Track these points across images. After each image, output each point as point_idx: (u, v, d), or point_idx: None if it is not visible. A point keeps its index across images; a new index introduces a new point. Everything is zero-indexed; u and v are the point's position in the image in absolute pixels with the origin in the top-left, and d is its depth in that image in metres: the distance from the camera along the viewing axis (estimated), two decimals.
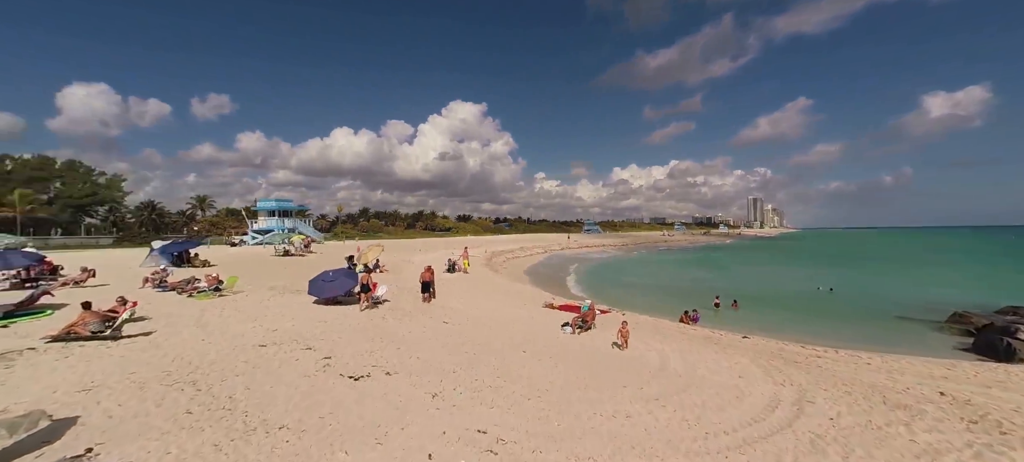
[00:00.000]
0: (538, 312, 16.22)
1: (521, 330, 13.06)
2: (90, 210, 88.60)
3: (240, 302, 14.59)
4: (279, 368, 8.34)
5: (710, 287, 31.50)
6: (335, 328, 11.92)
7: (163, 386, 7.15)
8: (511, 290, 22.30)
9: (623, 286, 31.32)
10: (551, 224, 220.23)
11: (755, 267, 48.88)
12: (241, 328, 11.33)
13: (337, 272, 15.49)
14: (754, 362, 10.50)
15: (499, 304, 17.65)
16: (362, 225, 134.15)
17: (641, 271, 43.45)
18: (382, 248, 26.33)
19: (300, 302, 15.04)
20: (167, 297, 14.83)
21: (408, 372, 8.59)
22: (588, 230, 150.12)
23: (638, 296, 26.41)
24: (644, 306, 22.32)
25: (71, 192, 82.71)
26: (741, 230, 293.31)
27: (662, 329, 14.77)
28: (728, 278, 37.98)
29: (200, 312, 12.86)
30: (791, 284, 33.69)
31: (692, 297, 26.27)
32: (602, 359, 10.33)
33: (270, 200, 48.83)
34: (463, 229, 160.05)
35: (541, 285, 28.46)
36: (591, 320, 13.21)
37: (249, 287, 17.70)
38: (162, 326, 11.12)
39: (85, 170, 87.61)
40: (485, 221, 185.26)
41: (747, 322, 19.11)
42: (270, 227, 46.27)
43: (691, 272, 42.84)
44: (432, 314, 14.75)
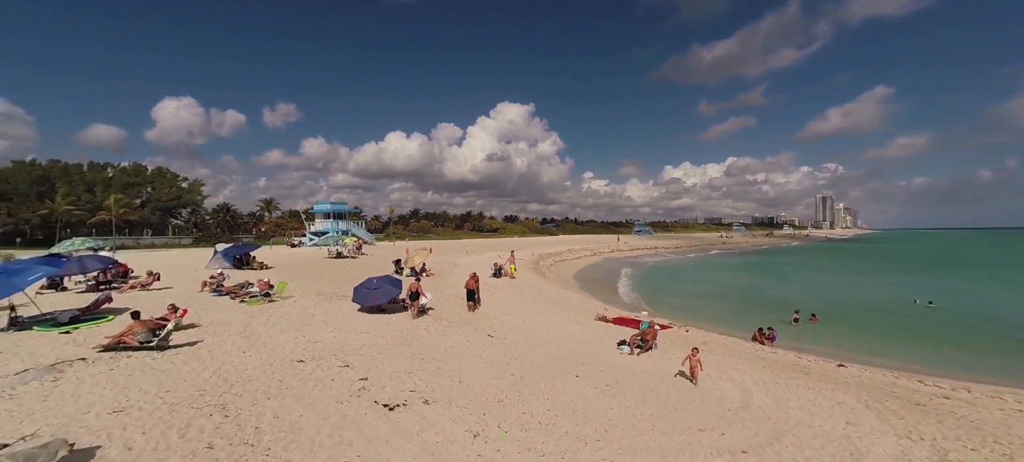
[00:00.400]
0: (590, 326, 14.89)
1: (572, 348, 11.85)
2: (175, 212, 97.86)
3: (287, 309, 14.55)
4: (312, 391, 7.76)
5: (780, 296, 28.46)
6: (376, 340, 11.38)
7: (193, 409, 6.74)
8: (560, 298, 21.06)
9: (681, 294, 28.99)
10: (599, 225, 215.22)
11: (830, 274, 43.92)
12: (283, 339, 11.06)
13: (380, 280, 15.10)
14: (862, 402, 8.60)
15: (547, 315, 16.50)
16: (412, 226, 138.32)
17: (699, 277, 40.40)
18: (429, 251, 26.07)
19: (344, 310, 14.78)
20: (221, 302, 15.13)
21: (448, 399, 7.71)
22: (639, 231, 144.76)
23: (699, 307, 24.14)
24: (707, 318, 20.23)
25: (160, 196, 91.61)
26: (809, 231, 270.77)
27: (734, 351, 12.93)
28: (800, 285, 34.25)
29: (248, 319, 12.85)
30: (878, 294, 29.67)
31: (761, 308, 23.68)
32: (669, 391, 8.90)
33: (326, 203, 50.92)
34: (510, 230, 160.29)
35: (591, 292, 26.94)
36: (652, 339, 11.73)
37: (298, 292, 17.85)
38: (209, 335, 11.08)
39: (171, 176, 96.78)
40: (532, 222, 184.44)
41: (834, 342, 16.60)
42: (326, 229, 48.18)
43: (755, 278, 39.21)
44: (476, 325, 13.92)
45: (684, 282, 35.78)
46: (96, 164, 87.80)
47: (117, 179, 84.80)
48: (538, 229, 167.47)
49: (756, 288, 32.56)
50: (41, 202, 63.70)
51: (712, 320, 19.94)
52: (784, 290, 31.47)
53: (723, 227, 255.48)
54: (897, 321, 20.91)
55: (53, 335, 10.31)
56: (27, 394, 7.07)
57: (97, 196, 79.67)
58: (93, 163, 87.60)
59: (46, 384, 7.48)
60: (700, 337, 14.49)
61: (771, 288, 32.53)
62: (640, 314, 17.87)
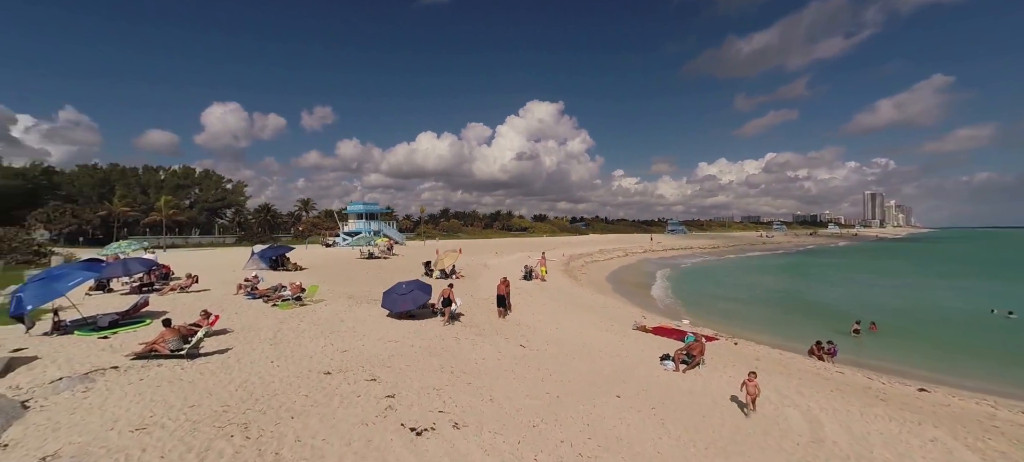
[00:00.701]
0: (628, 336, 13.98)
1: (611, 362, 11.02)
2: (220, 212, 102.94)
3: (317, 313, 14.43)
4: (338, 409, 7.35)
5: (831, 301, 26.36)
6: (404, 350, 10.96)
7: (214, 428, 6.44)
8: (594, 304, 20.16)
9: (723, 299, 27.34)
10: (630, 223, 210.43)
11: (886, 277, 40.51)
12: (311, 347, 10.82)
13: (410, 284, 14.74)
14: (959, 439, 7.37)
15: (581, 323, 15.69)
16: (442, 225, 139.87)
17: (740, 280, 38.22)
18: (459, 253, 25.73)
19: (374, 315, 14.52)
20: (254, 305, 15.22)
21: (479, 423, 7.11)
22: (672, 230, 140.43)
23: (744, 314, 22.57)
24: (755, 328, 18.81)
25: (206, 197, 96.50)
26: (857, 230, 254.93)
27: (792, 368, 11.71)
28: (852, 290, 31.72)
29: (278, 325, 12.76)
30: (945, 301, 26.94)
31: (813, 316, 21.90)
32: (724, 418, 7.96)
33: (359, 204, 51.89)
34: (539, 229, 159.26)
35: (626, 296, 25.83)
36: (699, 355, 10.72)
37: (329, 295, 17.82)
38: (239, 341, 10.99)
39: (216, 178, 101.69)
40: (561, 221, 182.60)
41: (901, 358, 14.95)
42: (359, 229, 49.06)
43: (802, 281, 36.67)
44: (508, 334, 13.30)
45: (724, 286, 33.89)
46: (150, 167, 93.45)
47: (168, 181, 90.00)
48: (567, 228, 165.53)
49: (804, 292, 30.39)
50: (101, 204, 68.18)
51: (760, 329, 18.52)
52: (835, 295, 29.25)
53: (762, 226, 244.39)
54: (973, 334, 18.77)
55: (92, 340, 10.47)
56: (58, 406, 7.00)
57: (150, 197, 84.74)
58: (147, 166, 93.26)
59: (77, 394, 7.42)
60: (751, 351, 13.31)
61: (820, 293, 30.30)
62: (681, 323, 16.77)
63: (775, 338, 16.83)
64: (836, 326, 19.05)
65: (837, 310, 23.57)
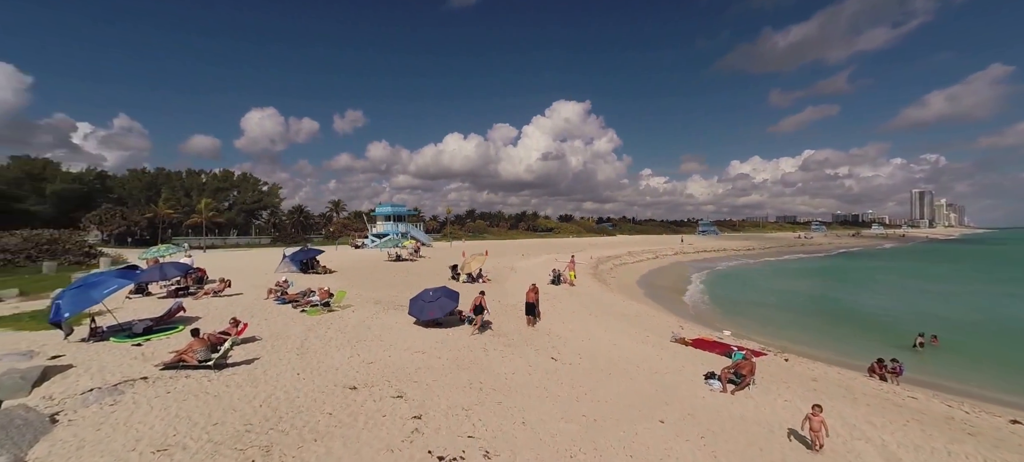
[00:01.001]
0: (666, 349, 13.11)
1: (650, 380, 10.25)
2: (257, 213, 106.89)
3: (345, 320, 14.26)
4: (362, 431, 6.95)
5: (882, 309, 24.34)
6: (431, 362, 10.55)
7: (235, 451, 6.14)
8: (627, 311, 19.28)
9: (763, 306, 25.75)
10: (659, 224, 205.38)
11: (940, 282, 37.36)
12: (338, 357, 10.56)
13: (437, 291, 14.37)
14: None
15: (615, 332, 14.90)
16: (468, 226, 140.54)
17: (780, 284, 36.11)
18: (486, 255, 25.31)
19: (401, 323, 14.22)
20: (283, 311, 15.22)
21: (511, 452, 6.55)
22: (703, 231, 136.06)
23: (789, 323, 21.08)
24: (804, 340, 17.49)
25: (244, 199, 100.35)
26: (904, 230, 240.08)
27: (856, 390, 10.58)
28: (903, 296, 29.36)
29: (305, 332, 12.62)
30: (1009, 312, 24.19)
31: (865, 326, 20.24)
32: (785, 453, 7.09)
33: (387, 205, 52.46)
34: (565, 230, 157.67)
35: (660, 303, 24.73)
36: (749, 374, 9.79)
37: (356, 300, 17.71)
38: (267, 350, 10.85)
39: (253, 181, 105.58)
40: (587, 221, 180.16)
41: (973, 378, 13.47)
42: (386, 231, 49.58)
43: (847, 287, 34.16)
44: (538, 345, 12.71)
45: (763, 291, 32.06)
46: (193, 171, 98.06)
47: (209, 184, 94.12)
48: (594, 229, 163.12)
49: (850, 300, 28.25)
50: (148, 206, 71.84)
51: (809, 342, 17.18)
52: (884, 303, 27.10)
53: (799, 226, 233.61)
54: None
55: (126, 347, 10.56)
56: (85, 420, 6.91)
57: (193, 199, 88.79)
58: (190, 170, 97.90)
59: (105, 408, 7.33)
60: (805, 369, 12.19)
61: (868, 300, 28.12)
62: (722, 334, 15.72)
63: (827, 352, 15.54)
64: (892, 339, 17.53)
65: (889, 320, 21.77)
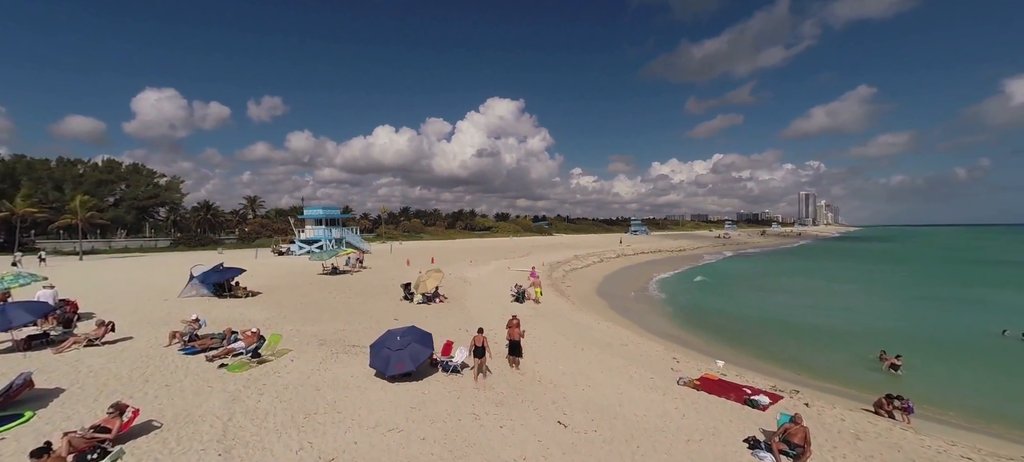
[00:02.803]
0: (678, 397, 11.56)
1: (688, 453, 8.55)
2: (152, 211, 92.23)
3: (284, 378, 10.97)
4: None
5: (836, 322, 24.93)
6: (411, 446, 7.98)
7: None
8: (609, 338, 17.77)
9: (732, 319, 25.25)
10: (591, 222, 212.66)
11: (865, 286, 41.00)
12: (281, 452, 7.57)
13: (405, 334, 11.61)
14: None
15: (612, 372, 13.17)
16: (403, 225, 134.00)
17: (730, 291, 36.82)
18: (441, 275, 22.53)
19: (359, 377, 11.27)
20: (194, 366, 11.47)
21: None
22: (635, 231, 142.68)
23: (766, 342, 20.32)
24: (791, 362, 17.12)
25: (135, 194, 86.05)
26: (800, 229, 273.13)
27: (905, 449, 9.77)
28: (846, 303, 31.30)
29: (229, 406, 9.27)
30: (948, 320, 25.71)
31: (833, 341, 20.44)
32: None
33: (317, 208, 46.83)
34: (502, 229, 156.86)
35: (632, 319, 23.66)
36: (805, 444, 8.26)
37: (295, 339, 14.23)
38: (170, 449, 7.51)
39: (147, 173, 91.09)
40: (524, 220, 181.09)
41: (949, 401, 13.72)
42: (317, 237, 44.08)
43: (793, 293, 35.62)
44: (535, 400, 10.56)
45: (723, 300, 32.03)
46: (65, 160, 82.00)
47: (88, 176, 79.16)
48: (531, 228, 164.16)
49: (804, 309, 28.77)
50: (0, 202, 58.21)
51: (796, 365, 16.80)
52: (836, 314, 27.59)
53: (713, 225, 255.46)
54: (1000, 363, 17.74)
55: None
56: None
57: (66, 195, 74.04)
58: (62, 159, 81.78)
59: None
60: (833, 417, 11.29)
61: (822, 312, 28.09)
62: (716, 365, 14.72)
63: (818, 379, 15.17)
64: (855, 352, 18.01)
65: (845, 331, 22.58)
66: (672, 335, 20.76)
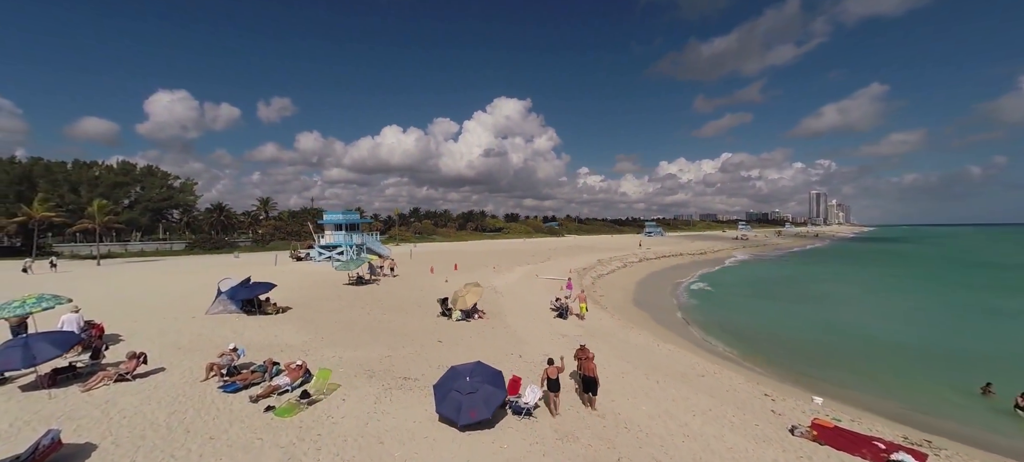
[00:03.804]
0: (800, 450, 9.92)
1: None
2: (166, 213, 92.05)
3: (339, 428, 9.56)
4: None
5: (916, 339, 22.60)
6: None
7: None
8: (681, 367, 16.16)
9: (799, 336, 22.87)
10: (602, 223, 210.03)
11: (909, 294, 38.89)
12: None
13: (475, 374, 10.14)
14: None
15: (705, 416, 11.54)
16: (414, 226, 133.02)
17: (785, 301, 33.97)
18: (481, 290, 21.07)
19: (423, 420, 9.84)
20: (236, 410, 10.12)
21: None
22: (650, 232, 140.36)
23: (851, 368, 17.93)
24: (910, 401, 14.76)
25: (150, 196, 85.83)
26: (817, 230, 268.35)
27: None
28: (905, 314, 28.96)
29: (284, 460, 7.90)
30: (1015, 335, 23.76)
31: (923, 364, 18.31)
32: None
33: (337, 213, 45.58)
34: (514, 230, 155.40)
35: (685, 339, 22.01)
36: None
37: (340, 370, 12.83)
38: None
39: (161, 175, 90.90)
40: (534, 221, 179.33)
41: None
42: (338, 243, 42.89)
43: (842, 304, 33.04)
44: (631, 456, 9.05)
45: (774, 310, 29.67)
46: (81, 162, 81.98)
47: (104, 178, 79.08)
48: (542, 229, 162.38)
49: (865, 323, 26.22)
50: (17, 205, 57.94)
51: (900, 398, 14.72)
52: (900, 326, 25.53)
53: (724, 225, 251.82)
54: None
55: None
56: None
57: (82, 196, 73.96)
58: (78, 161, 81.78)
59: None
60: None
61: (881, 323, 26.23)
62: (812, 402, 13.07)
63: (940, 417, 13.20)
64: (958, 383, 16.11)
65: (930, 354, 20.02)
66: (738, 360, 19.02)
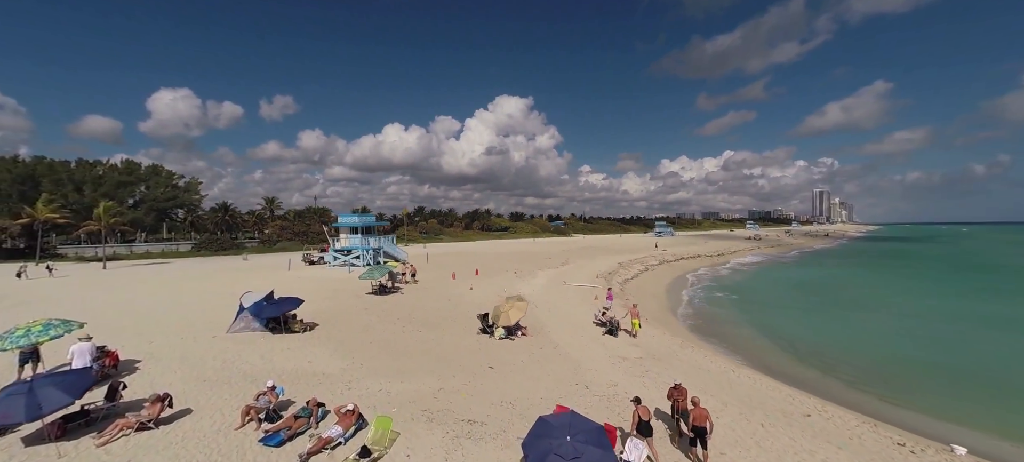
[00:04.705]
0: None
1: None
2: (171, 212, 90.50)
3: None
4: None
5: (1006, 364, 19.87)
6: None
7: None
8: (767, 395, 14.34)
9: (876, 355, 20.56)
10: (607, 222, 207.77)
11: (948, 300, 36.85)
12: None
13: (575, 431, 8.27)
14: None
15: None
16: (420, 225, 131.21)
17: (835, 311, 31.50)
18: (526, 306, 19.29)
19: None
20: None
21: None
22: (660, 232, 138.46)
23: (960, 402, 15.66)
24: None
25: (155, 195, 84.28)
26: (827, 228, 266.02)
27: None
28: (977, 332, 26.10)
29: None
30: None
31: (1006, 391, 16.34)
32: None
33: (352, 215, 43.78)
34: (520, 229, 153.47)
35: (757, 358, 19.90)
36: None
37: (387, 405, 11.05)
38: None
39: (166, 174, 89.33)
40: (540, 220, 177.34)
41: None
42: (353, 246, 41.09)
43: (915, 317, 29.80)
44: None
45: (832, 325, 26.99)
46: (85, 161, 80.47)
47: (108, 177, 77.56)
48: (548, 228, 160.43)
49: (942, 341, 23.51)
50: (20, 205, 56.41)
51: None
52: (977, 345, 22.83)
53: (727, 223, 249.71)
54: None
55: None
56: None
57: (85, 196, 72.43)
58: (82, 160, 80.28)
59: None
60: None
61: (958, 341, 23.52)
62: (955, 452, 11.19)
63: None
64: None
65: (997, 375, 18.40)
66: (828, 390, 16.51)
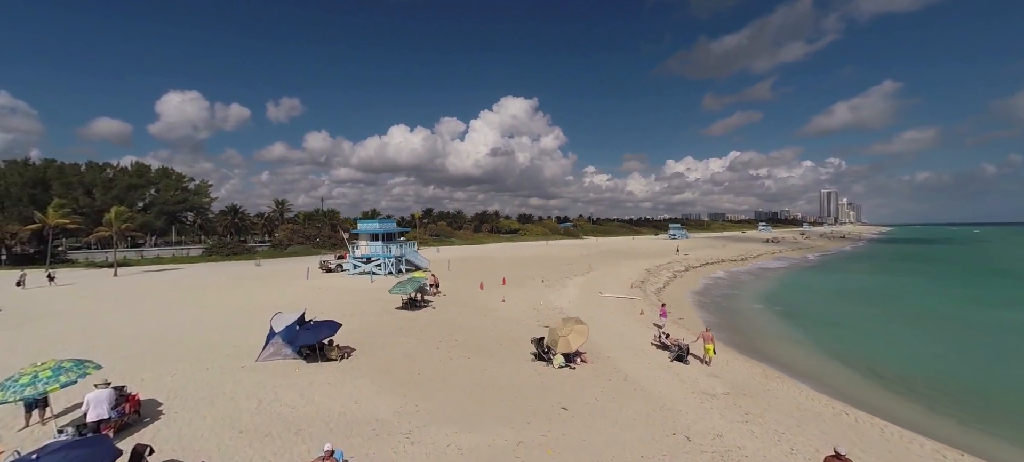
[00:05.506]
0: None
1: None
2: (180, 215, 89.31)
3: None
4: None
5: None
6: None
7: None
8: (908, 451, 12.27)
9: (975, 385, 18.12)
10: (615, 223, 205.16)
11: (1008, 310, 34.36)
12: None
13: None
14: None
15: None
16: (430, 228, 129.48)
17: (885, 324, 28.97)
18: (587, 329, 17.21)
19: None
20: None
21: None
22: (674, 234, 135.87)
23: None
24: None
25: (165, 198, 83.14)
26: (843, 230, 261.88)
27: None
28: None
29: None
30: None
31: None
32: None
33: (373, 222, 41.93)
34: (530, 231, 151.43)
35: (834, 386, 17.88)
36: None
37: None
38: None
39: (176, 177, 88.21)
40: (550, 222, 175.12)
41: None
42: (374, 253, 39.18)
43: (991, 332, 27.53)
44: None
45: (899, 335, 25.34)
46: (95, 164, 79.32)
47: (118, 180, 76.37)
48: (558, 230, 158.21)
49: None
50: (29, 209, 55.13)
51: None
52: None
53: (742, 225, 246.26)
54: None
55: None
56: None
57: (95, 200, 71.23)
58: (91, 163, 79.14)
59: None
60: None
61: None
62: None
63: None
64: None
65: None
66: (951, 434, 14.52)
